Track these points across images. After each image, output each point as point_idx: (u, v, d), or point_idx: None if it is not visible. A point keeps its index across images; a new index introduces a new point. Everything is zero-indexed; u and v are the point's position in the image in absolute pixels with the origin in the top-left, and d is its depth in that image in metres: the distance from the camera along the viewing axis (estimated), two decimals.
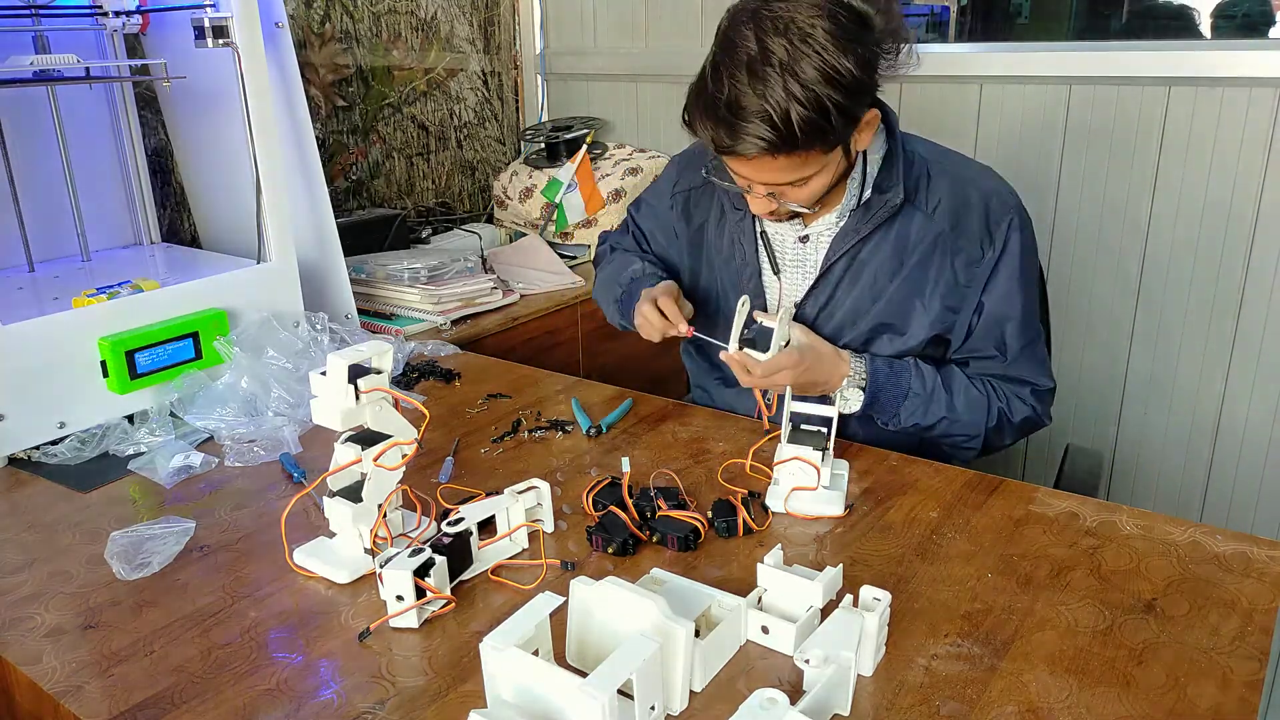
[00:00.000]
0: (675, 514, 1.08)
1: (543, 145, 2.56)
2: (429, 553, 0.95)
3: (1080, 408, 2.07)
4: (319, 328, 1.55)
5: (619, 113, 2.65)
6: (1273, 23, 1.99)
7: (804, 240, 1.35)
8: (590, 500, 1.12)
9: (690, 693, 0.82)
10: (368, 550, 1.03)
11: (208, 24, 1.44)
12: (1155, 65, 1.83)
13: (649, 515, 1.09)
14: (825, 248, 1.33)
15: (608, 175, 2.44)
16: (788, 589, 0.91)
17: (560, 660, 0.85)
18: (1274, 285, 1.81)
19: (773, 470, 1.18)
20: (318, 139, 1.87)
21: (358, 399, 1.01)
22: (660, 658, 0.76)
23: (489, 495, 1.08)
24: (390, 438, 1.02)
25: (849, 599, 0.87)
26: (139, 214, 1.80)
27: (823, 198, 1.24)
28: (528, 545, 1.08)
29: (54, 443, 1.34)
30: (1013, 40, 2.12)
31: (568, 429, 1.38)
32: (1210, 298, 1.88)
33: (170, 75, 1.59)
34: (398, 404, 1.06)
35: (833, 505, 1.13)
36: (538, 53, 2.72)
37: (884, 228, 1.29)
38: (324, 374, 1.02)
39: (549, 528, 1.10)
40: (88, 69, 1.57)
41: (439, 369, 1.64)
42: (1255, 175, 1.78)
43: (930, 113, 2.10)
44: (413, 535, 1.06)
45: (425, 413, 1.15)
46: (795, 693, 0.78)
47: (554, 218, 2.42)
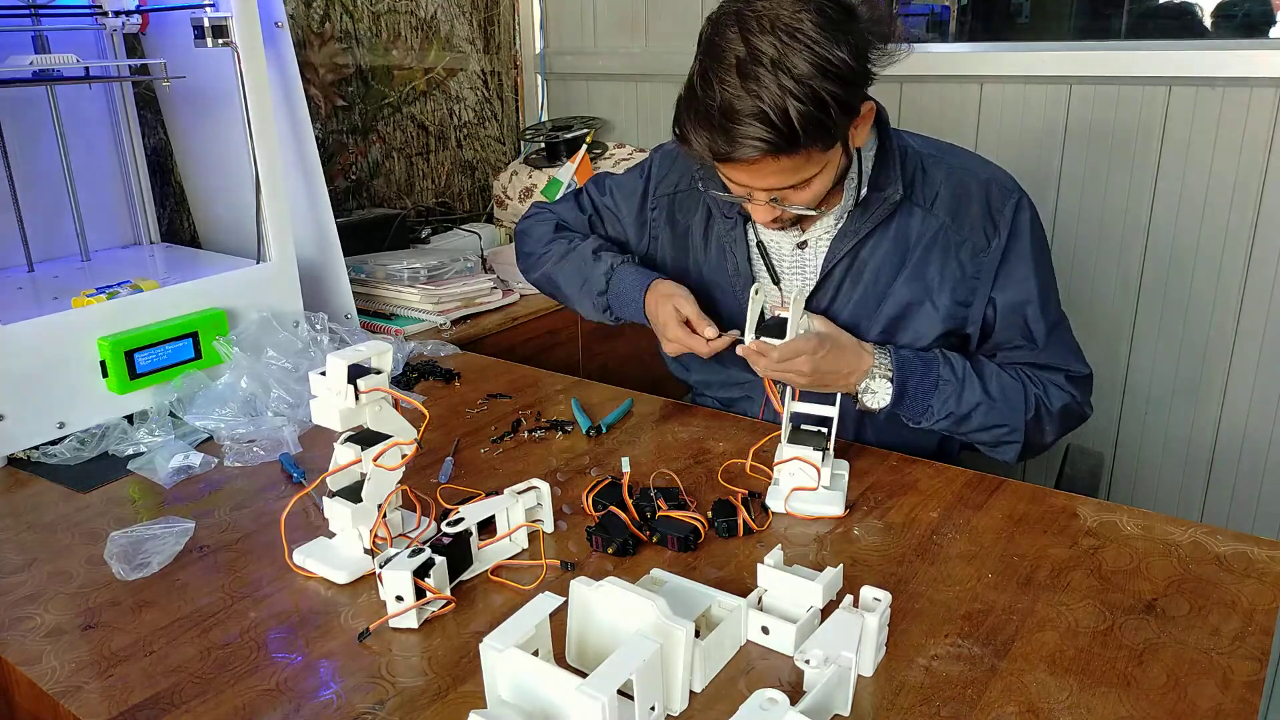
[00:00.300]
0: (675, 514, 1.08)
1: (543, 145, 2.55)
2: (429, 553, 0.95)
3: None
4: (319, 328, 1.55)
5: (619, 113, 2.64)
6: (1273, 23, 1.99)
7: (802, 246, 1.33)
8: (590, 500, 1.12)
9: (690, 693, 0.82)
10: (367, 550, 1.03)
11: (207, 24, 1.44)
12: (1155, 65, 1.83)
13: (649, 515, 1.09)
14: (824, 251, 1.31)
15: None
16: (788, 589, 0.91)
17: (560, 660, 0.85)
18: (1274, 285, 1.81)
19: (773, 470, 1.18)
20: (318, 139, 1.87)
21: (357, 399, 1.01)
22: (660, 658, 0.76)
23: (489, 495, 1.08)
24: (390, 438, 1.02)
25: (849, 599, 0.87)
26: (139, 214, 1.80)
27: (825, 198, 1.22)
28: (527, 545, 1.07)
29: (54, 443, 1.34)
30: (1013, 40, 2.11)
31: (568, 429, 1.38)
32: (1211, 297, 1.88)
33: (170, 75, 1.59)
34: (397, 404, 1.06)
35: (833, 505, 1.13)
36: (538, 53, 2.72)
37: (883, 226, 1.27)
38: (324, 374, 1.02)
39: (549, 528, 1.10)
40: (87, 69, 1.57)
41: (439, 369, 1.64)
42: (1255, 175, 1.78)
43: (930, 113, 2.10)
44: (412, 535, 1.06)
45: (425, 413, 1.15)
46: (795, 693, 0.78)
47: None
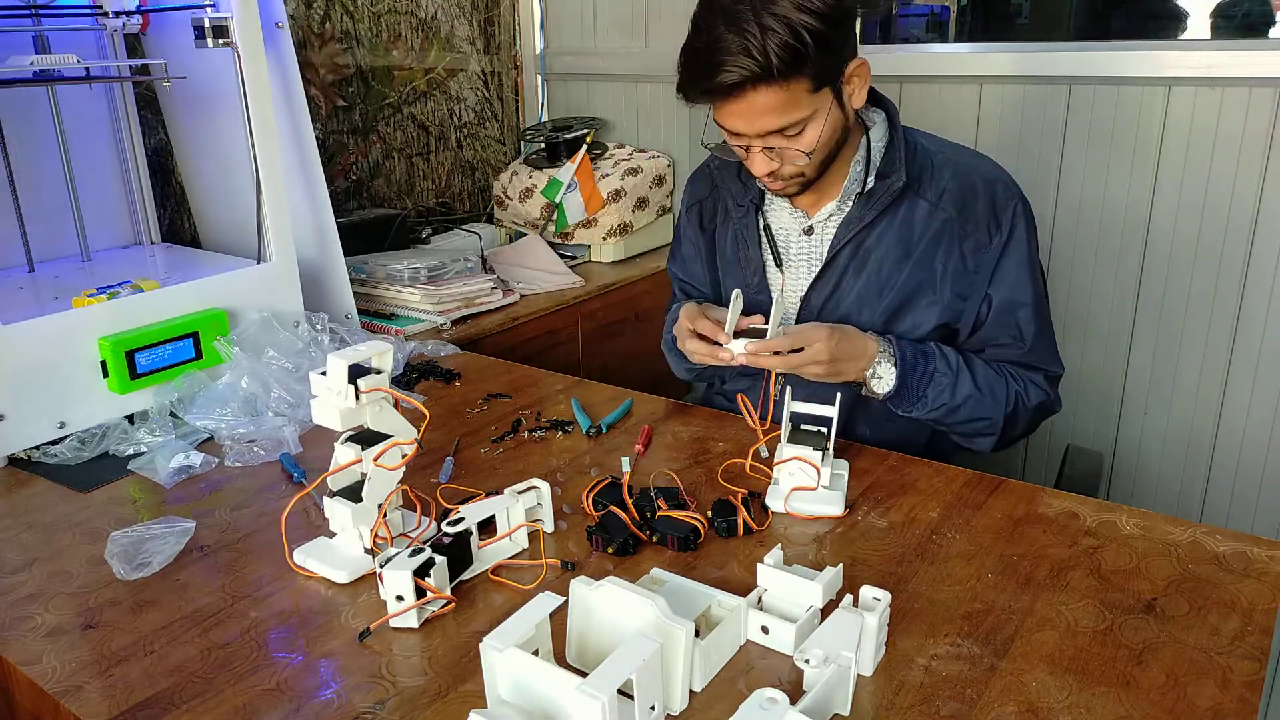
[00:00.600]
0: (675, 514, 1.08)
1: (543, 145, 2.55)
2: (429, 553, 0.95)
3: (1080, 408, 2.07)
4: (319, 328, 1.55)
5: (619, 113, 2.65)
6: (1273, 23, 1.99)
7: (809, 232, 1.36)
8: (590, 500, 1.12)
9: (690, 693, 0.82)
10: (368, 550, 1.03)
11: (208, 24, 1.44)
12: (1155, 65, 1.83)
13: (649, 515, 1.09)
14: (830, 238, 1.35)
15: (608, 175, 2.44)
16: (788, 589, 0.91)
17: (560, 660, 0.85)
18: (1274, 285, 1.81)
19: (773, 470, 1.18)
20: (318, 139, 1.87)
21: (358, 399, 1.01)
22: (660, 658, 0.76)
23: (489, 495, 1.08)
24: (390, 438, 1.02)
25: (849, 599, 0.87)
26: (139, 214, 1.80)
27: (826, 165, 1.27)
28: (528, 545, 1.08)
29: (54, 443, 1.34)
30: (1013, 40, 2.11)
31: (568, 429, 1.38)
32: (1210, 297, 1.88)
33: (170, 75, 1.60)
34: (398, 404, 1.06)
35: (833, 505, 1.13)
36: (538, 53, 2.72)
37: (889, 215, 1.30)
38: (324, 374, 1.02)
39: (549, 528, 1.10)
40: (88, 69, 1.57)
41: (439, 369, 1.64)
42: (1255, 175, 1.78)
43: (930, 113, 2.10)
44: (413, 535, 1.06)
45: (425, 413, 1.15)
46: (795, 693, 0.78)
47: (554, 218, 2.42)
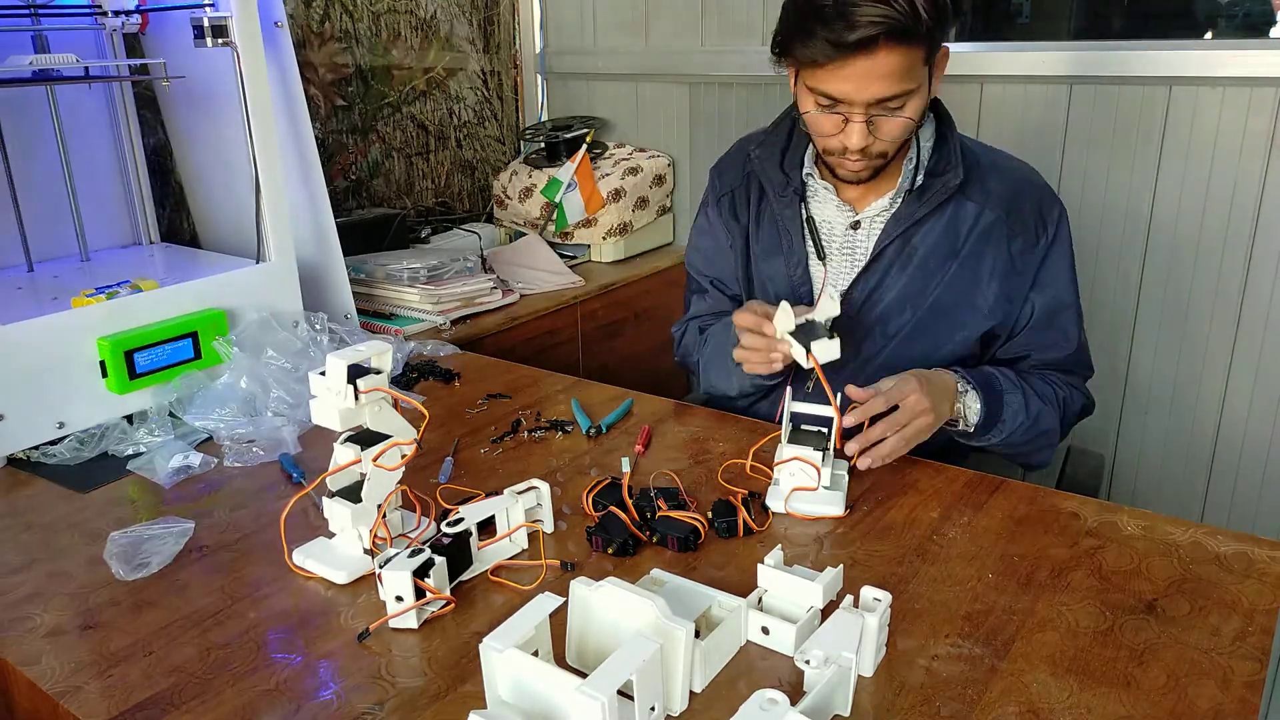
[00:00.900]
0: (675, 514, 1.08)
1: (542, 145, 2.55)
2: (429, 553, 0.95)
3: None
4: (318, 328, 1.55)
5: (619, 112, 2.64)
6: (1273, 23, 1.99)
7: (855, 227, 1.36)
8: (590, 500, 1.12)
9: (690, 693, 0.82)
10: (367, 551, 1.02)
11: (207, 23, 1.44)
12: (1155, 65, 1.82)
13: (649, 515, 1.08)
14: (877, 234, 1.33)
15: (608, 175, 2.44)
16: (788, 590, 0.91)
17: (560, 661, 0.85)
18: (1275, 285, 1.81)
19: (773, 470, 1.18)
20: (317, 139, 1.87)
21: (357, 399, 1.01)
22: (660, 658, 0.76)
23: (489, 495, 1.08)
24: (390, 438, 1.02)
25: (849, 599, 0.87)
26: (138, 214, 1.80)
27: (901, 149, 1.26)
28: (527, 546, 1.07)
29: (53, 443, 1.34)
30: (1013, 40, 2.11)
31: (568, 429, 1.38)
32: (1211, 297, 1.88)
33: (169, 75, 1.59)
34: (397, 404, 1.06)
35: (833, 505, 1.12)
36: (537, 52, 2.71)
37: (937, 213, 1.30)
38: (323, 374, 1.02)
39: (549, 528, 1.10)
40: (87, 69, 1.57)
41: (439, 369, 1.64)
42: (1255, 175, 1.78)
43: None
44: (412, 535, 1.06)
45: (425, 413, 1.15)
46: (795, 693, 0.78)
47: (554, 217, 2.42)
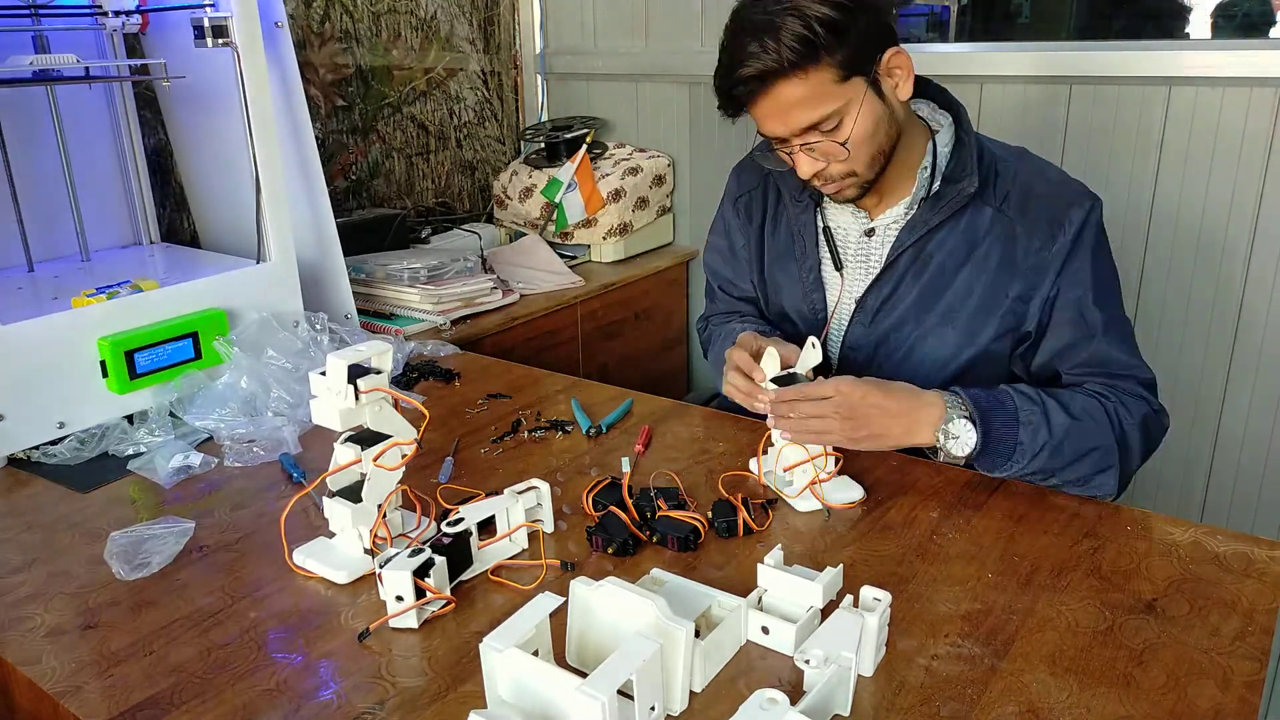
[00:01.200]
0: (675, 514, 1.08)
1: (543, 145, 2.55)
2: (429, 553, 0.95)
3: None
4: (319, 328, 1.55)
5: (619, 113, 2.64)
6: (1273, 23, 1.99)
7: (869, 234, 1.34)
8: (590, 500, 1.12)
9: (690, 693, 0.82)
10: (367, 550, 1.03)
11: (207, 24, 1.44)
12: (1155, 65, 1.82)
13: (649, 515, 1.09)
14: (891, 241, 1.32)
15: (608, 175, 2.44)
16: (788, 589, 0.91)
17: (560, 660, 0.85)
18: (1274, 285, 1.81)
19: (770, 476, 1.18)
20: (318, 139, 1.87)
21: (357, 399, 1.01)
22: (660, 658, 0.76)
23: (489, 495, 1.08)
24: (390, 438, 1.02)
25: (849, 599, 0.87)
26: (138, 214, 1.80)
27: (881, 163, 1.23)
28: (528, 545, 1.07)
29: (54, 443, 1.34)
30: (1013, 40, 2.11)
31: (568, 429, 1.38)
32: (1210, 297, 1.88)
33: (170, 75, 1.59)
34: (397, 404, 1.06)
35: (854, 491, 1.15)
36: (538, 52, 2.71)
37: (953, 220, 1.27)
38: (324, 374, 1.02)
39: (549, 528, 1.10)
40: (87, 69, 1.57)
41: (439, 369, 1.64)
42: (1255, 175, 1.78)
43: None
44: (412, 535, 1.06)
45: (425, 413, 1.15)
46: (795, 693, 0.78)
47: (554, 217, 2.42)
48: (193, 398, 1.41)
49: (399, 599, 0.92)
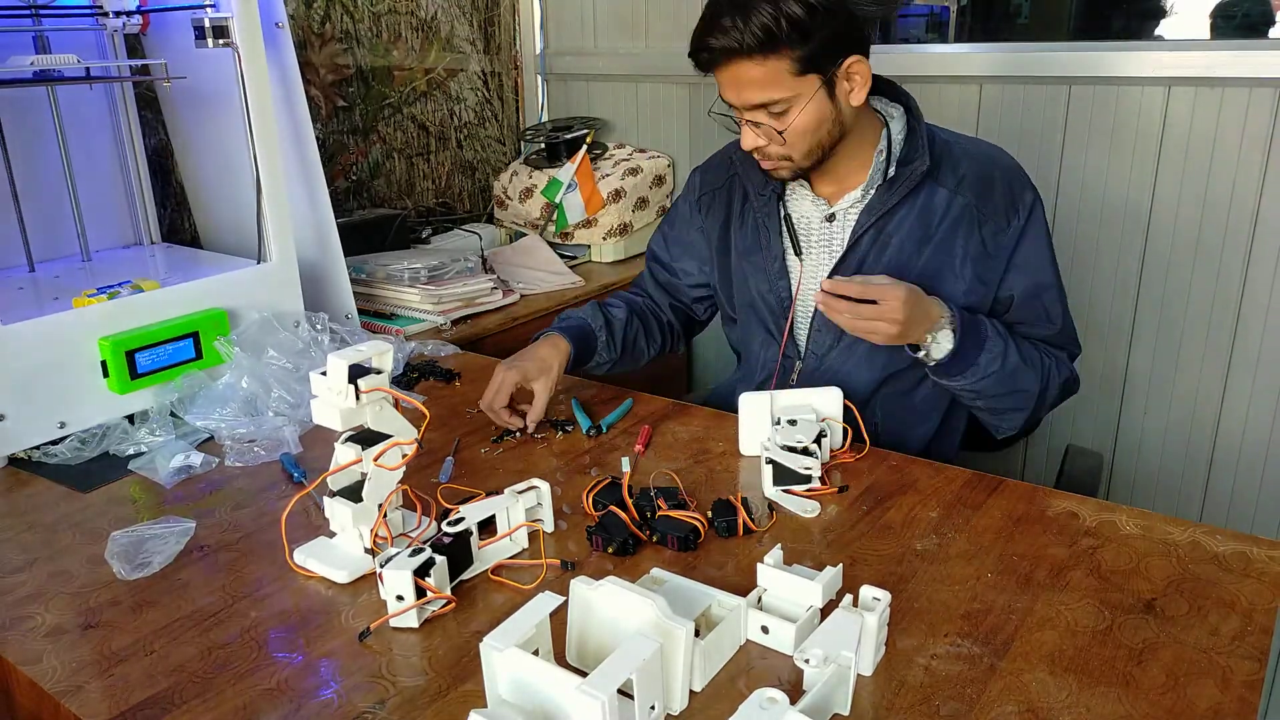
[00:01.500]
0: (675, 514, 1.08)
1: (543, 145, 2.55)
2: (429, 553, 0.95)
3: (1080, 407, 2.07)
4: (319, 328, 1.55)
5: (619, 113, 2.65)
6: (1273, 23, 1.99)
7: (830, 220, 1.39)
8: (590, 500, 1.13)
9: (690, 692, 0.82)
10: (368, 550, 1.03)
11: (208, 24, 1.44)
12: (1155, 65, 1.83)
13: (649, 515, 1.09)
14: (851, 225, 1.37)
15: (608, 175, 2.44)
16: (788, 589, 0.91)
17: (560, 660, 0.85)
18: (1274, 285, 1.81)
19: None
20: (318, 139, 1.87)
21: (358, 399, 1.01)
22: (660, 658, 0.76)
23: (489, 495, 1.08)
24: (390, 438, 1.02)
25: (849, 599, 0.87)
26: (139, 214, 1.80)
27: (817, 157, 1.31)
28: (528, 545, 1.08)
29: (54, 443, 1.34)
30: (1013, 40, 2.11)
31: (568, 429, 1.39)
32: (1210, 297, 1.88)
33: (170, 75, 1.59)
34: (398, 404, 1.06)
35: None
36: (538, 53, 2.72)
37: (910, 201, 1.33)
38: (324, 374, 1.02)
39: (549, 528, 1.10)
40: (88, 69, 1.57)
41: (439, 369, 1.64)
42: (1255, 175, 1.78)
43: (930, 113, 2.06)
44: (413, 535, 1.06)
45: (425, 413, 1.15)
46: (795, 692, 0.78)
47: (554, 218, 2.42)
48: (193, 398, 1.41)
49: (399, 598, 0.92)
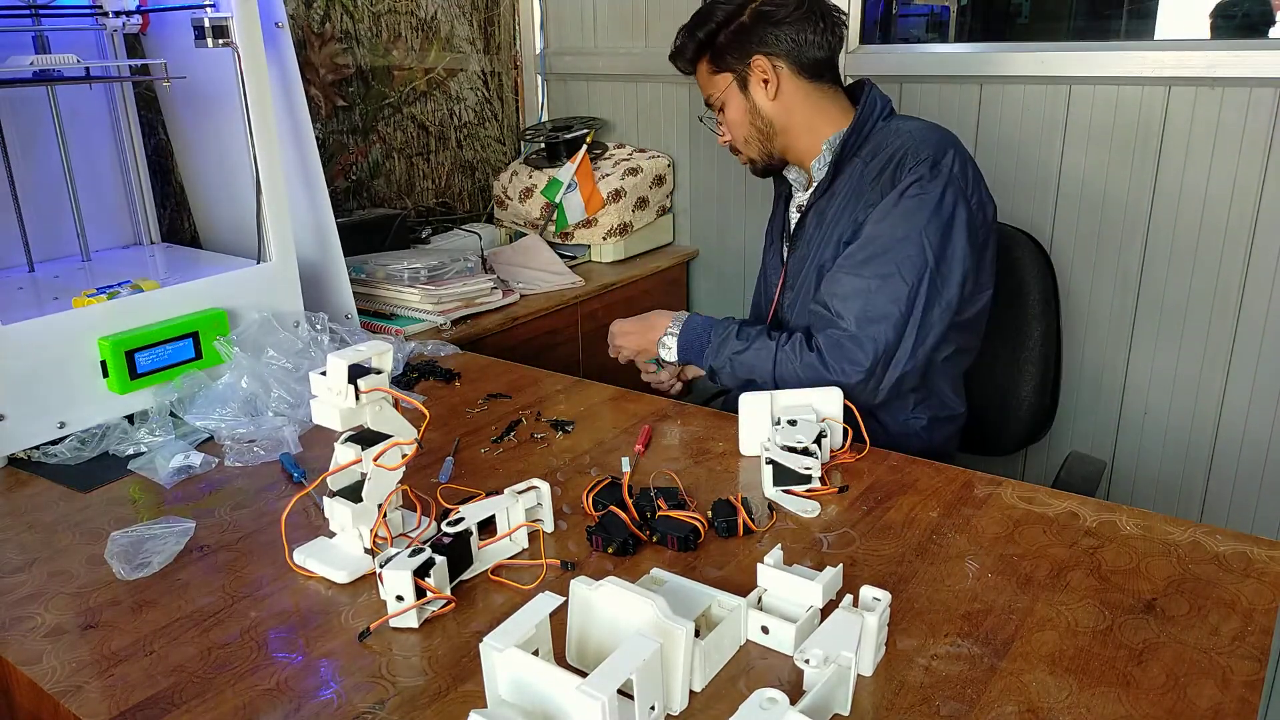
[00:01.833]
0: (675, 514, 1.08)
1: (543, 145, 2.55)
2: (429, 553, 0.95)
3: (1080, 408, 2.07)
4: (319, 328, 1.55)
5: (619, 113, 2.65)
6: (1273, 23, 2.00)
7: (799, 210, 1.59)
8: (590, 500, 1.13)
9: (690, 693, 0.82)
10: (368, 550, 1.03)
11: (208, 24, 1.44)
12: (1155, 65, 1.83)
13: (649, 515, 1.09)
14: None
15: (608, 175, 2.44)
16: (788, 589, 0.91)
17: (560, 660, 0.85)
18: (1274, 285, 1.81)
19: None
20: (318, 139, 1.87)
21: (358, 399, 1.01)
22: (660, 658, 0.76)
23: (489, 495, 1.08)
24: (390, 438, 1.02)
25: (849, 599, 0.87)
26: (139, 214, 1.80)
27: (763, 150, 1.55)
28: (528, 545, 1.08)
29: (54, 443, 1.34)
30: (1013, 40, 2.11)
31: (568, 429, 1.38)
32: (1210, 297, 1.88)
33: (170, 75, 1.59)
34: (398, 404, 1.06)
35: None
36: (538, 53, 2.72)
37: (843, 178, 1.47)
38: (324, 374, 1.02)
39: (549, 528, 1.10)
40: (88, 69, 1.57)
41: (439, 369, 1.64)
42: (1255, 175, 1.78)
43: (930, 113, 2.10)
44: (413, 535, 1.06)
45: (425, 413, 1.15)
46: (795, 693, 0.78)
47: (554, 218, 2.42)
48: (193, 398, 1.41)
49: (399, 598, 0.92)
